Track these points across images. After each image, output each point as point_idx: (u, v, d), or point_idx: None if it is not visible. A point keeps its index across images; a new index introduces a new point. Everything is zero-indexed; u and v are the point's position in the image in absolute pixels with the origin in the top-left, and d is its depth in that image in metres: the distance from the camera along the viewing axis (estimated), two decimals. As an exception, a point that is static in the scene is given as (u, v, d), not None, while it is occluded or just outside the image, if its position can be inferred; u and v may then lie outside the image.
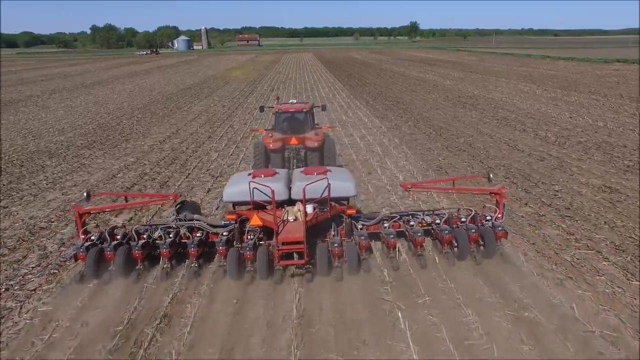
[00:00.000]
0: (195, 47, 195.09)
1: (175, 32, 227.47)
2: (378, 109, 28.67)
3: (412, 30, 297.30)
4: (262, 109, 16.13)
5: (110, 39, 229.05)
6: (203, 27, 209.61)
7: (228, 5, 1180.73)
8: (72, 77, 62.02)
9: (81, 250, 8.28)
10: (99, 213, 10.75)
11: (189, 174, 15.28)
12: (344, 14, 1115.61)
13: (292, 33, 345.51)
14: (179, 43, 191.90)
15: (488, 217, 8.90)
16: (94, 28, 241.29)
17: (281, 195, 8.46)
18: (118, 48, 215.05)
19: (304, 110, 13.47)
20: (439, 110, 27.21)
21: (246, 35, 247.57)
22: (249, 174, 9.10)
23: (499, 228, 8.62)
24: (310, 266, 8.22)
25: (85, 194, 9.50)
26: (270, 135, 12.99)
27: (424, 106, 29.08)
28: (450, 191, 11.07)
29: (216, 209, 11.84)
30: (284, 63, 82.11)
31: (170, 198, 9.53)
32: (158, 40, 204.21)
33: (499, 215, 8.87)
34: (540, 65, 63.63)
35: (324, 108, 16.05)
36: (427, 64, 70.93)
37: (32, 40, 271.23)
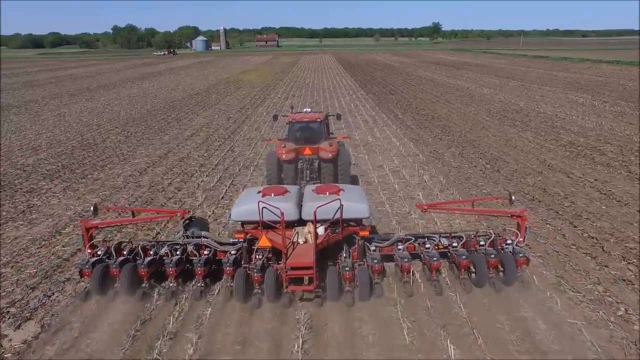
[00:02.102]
0: (213, 48, 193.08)
1: (194, 32, 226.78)
2: (410, 126, 24.00)
3: (435, 31, 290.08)
4: (275, 117, 15.97)
5: (131, 39, 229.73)
6: (221, 28, 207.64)
7: (248, 5, 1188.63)
8: (81, 80, 59.38)
9: (87, 266, 7.95)
10: (105, 227, 10.51)
11: (157, 232, 11.01)
12: (364, 14, 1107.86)
13: (312, 34, 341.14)
14: (197, 43, 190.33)
15: (509, 241, 8.35)
16: (115, 28, 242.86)
17: (291, 215, 8.16)
18: (138, 48, 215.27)
19: (318, 119, 13.07)
20: (485, 130, 22.39)
21: (265, 36, 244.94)
22: (259, 192, 8.68)
23: (520, 255, 8.01)
24: (320, 290, 7.79)
25: (92, 207, 9.00)
26: (283, 145, 12.42)
27: (465, 123, 24.26)
28: (469, 213, 9.83)
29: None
30: (302, 66, 77.87)
31: (178, 214, 9.11)
32: (176, 41, 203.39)
33: (521, 240, 8.36)
34: (582, 70, 57.74)
35: (339, 117, 15.71)
36: (455, 68, 65.74)
37: (58, 41, 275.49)
